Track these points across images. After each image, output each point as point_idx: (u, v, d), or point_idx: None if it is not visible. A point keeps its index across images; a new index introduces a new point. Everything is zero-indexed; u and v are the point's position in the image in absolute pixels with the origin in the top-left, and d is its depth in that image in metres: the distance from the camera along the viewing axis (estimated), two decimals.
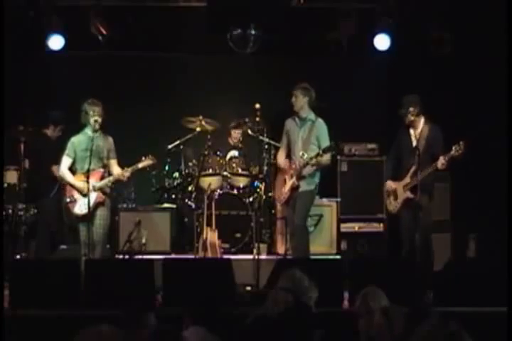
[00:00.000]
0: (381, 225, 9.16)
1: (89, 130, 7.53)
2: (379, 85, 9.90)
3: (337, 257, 8.68)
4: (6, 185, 8.44)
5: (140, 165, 7.66)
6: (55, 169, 7.94)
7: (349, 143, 9.40)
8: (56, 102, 9.30)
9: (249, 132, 9.15)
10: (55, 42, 9.15)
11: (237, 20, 9.31)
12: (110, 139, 7.66)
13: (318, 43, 9.73)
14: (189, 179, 9.21)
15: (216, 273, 6.68)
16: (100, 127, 7.53)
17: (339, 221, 9.04)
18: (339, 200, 9.10)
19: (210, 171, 8.98)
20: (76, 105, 7.64)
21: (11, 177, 8.52)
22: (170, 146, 9.26)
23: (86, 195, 7.32)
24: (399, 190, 7.69)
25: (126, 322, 3.91)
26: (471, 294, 6.31)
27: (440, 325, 2.94)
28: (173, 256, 8.51)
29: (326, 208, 8.97)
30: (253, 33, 9.30)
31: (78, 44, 9.34)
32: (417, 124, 7.68)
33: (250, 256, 8.05)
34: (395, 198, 7.74)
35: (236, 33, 9.31)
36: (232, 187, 9.05)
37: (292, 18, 9.32)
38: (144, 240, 8.57)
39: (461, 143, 7.20)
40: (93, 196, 7.41)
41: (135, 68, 9.95)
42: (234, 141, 9.51)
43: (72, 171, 7.58)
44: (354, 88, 9.78)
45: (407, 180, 7.60)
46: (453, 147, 7.23)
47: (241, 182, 9.09)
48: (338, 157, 9.18)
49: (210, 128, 9.19)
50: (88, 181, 7.30)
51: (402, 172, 7.68)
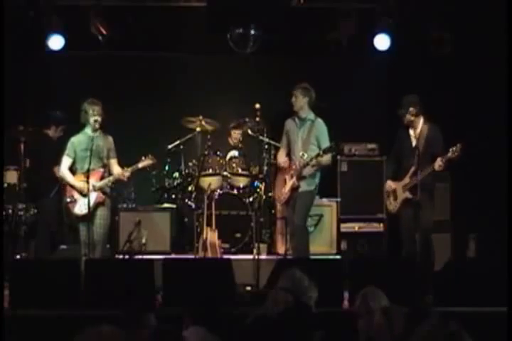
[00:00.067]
0: (381, 225, 9.16)
1: (89, 130, 7.53)
2: (379, 85, 9.90)
3: (337, 257, 8.68)
4: (6, 185, 8.44)
5: (140, 165, 7.66)
6: (57, 170, 7.94)
7: (349, 143, 9.40)
8: (56, 102, 9.30)
9: (249, 132, 9.16)
10: (55, 42, 9.14)
11: (237, 20, 9.31)
12: (110, 139, 7.66)
13: (318, 43, 9.72)
14: (189, 179, 9.20)
15: (216, 273, 6.68)
16: (100, 127, 7.53)
17: (339, 221, 9.04)
18: (339, 200, 9.10)
19: (210, 171, 8.97)
20: (76, 105, 7.64)
21: (11, 177, 8.51)
22: (170, 146, 9.27)
23: (86, 195, 7.33)
24: (398, 190, 7.70)
25: (126, 322, 3.91)
26: (471, 294, 6.31)
27: (440, 325, 2.95)
28: (173, 256, 8.51)
29: (326, 208, 8.97)
30: (253, 33, 9.30)
31: (78, 44, 9.33)
32: (417, 124, 7.68)
33: (250, 256, 8.05)
34: (395, 198, 7.75)
35: (236, 33, 9.30)
36: (232, 187, 9.05)
37: (292, 18, 9.32)
38: (144, 240, 8.57)
39: (458, 145, 7.22)
40: (93, 196, 7.42)
41: (135, 68, 9.95)
42: (234, 141, 9.51)
43: (72, 171, 7.58)
44: (354, 88, 9.78)
45: (407, 180, 7.61)
46: (450, 149, 7.25)
47: (241, 182, 9.09)
48: (338, 157, 9.18)
49: (210, 128, 9.19)
50: (88, 181, 7.31)
51: (403, 172, 7.69)
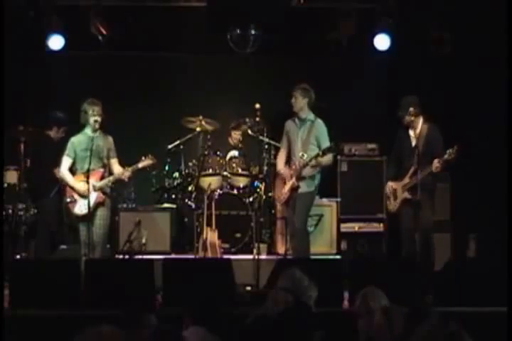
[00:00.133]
0: (381, 225, 9.16)
1: (89, 130, 7.53)
2: (379, 85, 9.89)
3: (337, 257, 8.68)
4: (6, 185, 8.44)
5: (140, 165, 7.66)
6: (57, 171, 7.93)
7: (349, 143, 9.40)
8: (56, 102, 9.30)
9: (249, 132, 9.15)
10: (55, 42, 9.14)
11: (237, 20, 9.30)
12: (110, 139, 7.65)
13: (318, 43, 9.72)
14: (189, 179, 9.20)
15: (216, 273, 6.68)
16: (100, 127, 7.53)
17: (339, 221, 9.03)
18: (339, 200, 9.10)
19: (210, 171, 8.97)
20: (76, 105, 7.64)
21: (11, 177, 8.51)
22: (170, 146, 9.26)
23: (86, 197, 7.32)
24: (398, 190, 7.70)
25: (126, 322, 3.91)
26: (471, 294, 6.31)
27: (440, 325, 2.94)
28: (173, 256, 8.50)
29: (326, 208, 8.97)
30: (253, 33, 9.29)
31: (78, 44, 9.33)
32: (416, 125, 7.68)
33: (250, 256, 8.05)
34: (395, 198, 7.75)
35: (236, 33, 9.30)
36: (232, 187, 9.05)
37: (292, 18, 9.31)
38: (144, 240, 8.57)
39: (454, 147, 7.23)
40: (93, 196, 7.42)
41: (135, 68, 9.95)
42: (234, 141, 9.51)
43: (72, 171, 7.57)
44: (354, 88, 9.78)
45: (406, 180, 7.62)
46: (447, 151, 7.25)
47: (241, 182, 9.09)
48: (338, 157, 9.17)
49: (210, 128, 9.19)
50: (88, 181, 7.31)
51: (403, 172, 7.69)
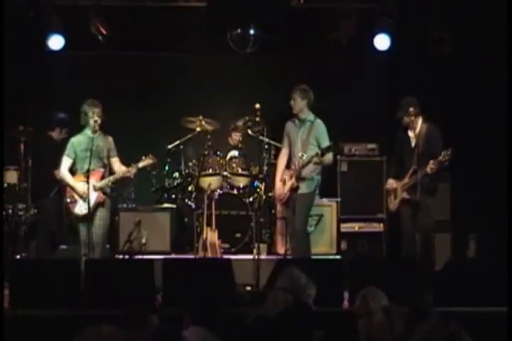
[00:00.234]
0: (381, 225, 9.16)
1: (88, 131, 7.52)
2: (379, 85, 9.89)
3: (337, 257, 8.68)
4: (6, 185, 8.44)
5: (140, 164, 7.65)
6: (57, 173, 7.92)
7: (349, 143, 9.40)
8: (56, 102, 9.30)
9: (249, 132, 9.15)
10: (55, 42, 9.14)
11: (237, 20, 9.30)
12: (110, 138, 7.65)
13: (318, 43, 9.71)
14: (189, 179, 9.20)
15: (216, 273, 6.68)
16: (100, 128, 7.53)
17: (339, 221, 9.03)
18: (339, 200, 9.10)
19: (210, 171, 8.97)
20: (76, 105, 7.63)
21: (11, 177, 8.51)
22: (170, 146, 9.26)
23: (86, 198, 7.32)
24: (398, 190, 7.71)
25: (126, 322, 3.91)
26: (471, 294, 6.31)
27: (440, 325, 2.94)
28: (173, 256, 8.50)
29: (326, 208, 8.96)
30: (253, 33, 9.30)
31: (78, 44, 9.33)
32: (416, 125, 7.67)
33: (250, 256, 8.05)
34: (395, 197, 7.76)
35: (236, 33, 9.30)
36: (232, 187, 9.05)
37: (292, 18, 9.31)
38: (144, 240, 8.57)
39: (449, 149, 7.23)
40: (93, 196, 7.42)
41: (135, 68, 9.95)
42: (234, 142, 9.51)
43: (72, 171, 7.57)
44: (354, 88, 9.77)
45: (406, 180, 7.62)
46: (442, 152, 7.25)
47: (241, 182, 9.09)
48: (338, 157, 9.18)
49: (210, 128, 9.19)
50: (88, 181, 7.31)
51: (404, 172, 7.69)
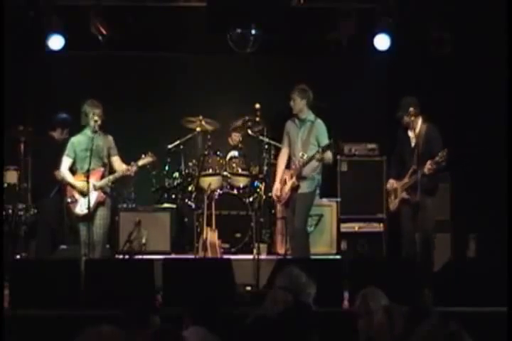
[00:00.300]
0: (381, 225, 9.16)
1: (88, 131, 7.53)
2: (379, 85, 9.88)
3: (337, 257, 8.68)
4: (6, 185, 8.44)
5: (140, 162, 7.65)
6: (57, 174, 7.92)
7: (349, 143, 9.40)
8: (56, 102, 9.30)
9: (249, 132, 9.14)
10: (55, 42, 9.14)
11: (237, 20, 9.30)
12: (110, 137, 7.65)
13: (318, 43, 9.71)
14: (189, 179, 9.20)
15: (216, 273, 6.68)
16: (100, 128, 7.53)
17: (339, 221, 9.03)
18: (339, 200, 9.10)
19: (210, 171, 8.97)
20: (76, 105, 7.64)
21: (11, 177, 8.51)
22: (170, 146, 9.26)
23: (87, 196, 7.32)
24: (398, 190, 7.71)
25: (126, 322, 3.90)
26: (471, 294, 6.31)
27: (440, 325, 2.94)
28: (173, 256, 8.50)
29: (326, 208, 8.96)
30: (253, 33, 9.29)
31: (78, 44, 9.33)
32: (416, 125, 7.67)
33: (250, 256, 8.05)
34: (395, 197, 7.76)
35: (236, 33, 9.30)
36: (232, 187, 9.05)
37: (292, 18, 9.31)
38: (144, 240, 8.57)
39: (444, 150, 7.23)
40: (94, 196, 7.42)
41: (135, 68, 9.94)
42: (234, 142, 9.50)
43: (72, 171, 7.58)
44: (354, 88, 9.77)
45: (406, 180, 7.62)
46: (439, 153, 7.25)
47: (241, 182, 9.09)
48: (338, 157, 9.18)
49: (210, 128, 9.19)
50: (88, 181, 7.31)
51: (405, 172, 7.69)
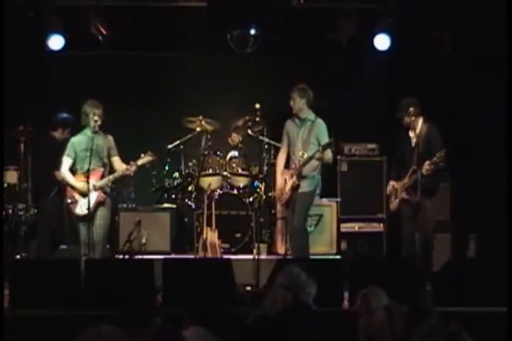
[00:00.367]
0: (381, 225, 9.16)
1: (89, 131, 7.53)
2: (379, 85, 9.88)
3: (337, 257, 8.68)
4: (6, 185, 8.44)
5: (140, 162, 7.64)
6: (57, 174, 7.92)
7: (349, 143, 9.40)
8: (56, 102, 9.29)
9: (249, 132, 9.14)
10: (55, 42, 9.13)
11: (237, 20, 9.30)
12: (110, 137, 7.65)
13: (318, 43, 9.70)
14: (189, 179, 9.20)
15: (216, 273, 6.69)
16: (100, 128, 7.53)
17: (339, 221, 9.03)
18: (339, 200, 9.10)
19: (210, 171, 8.97)
20: (76, 105, 7.65)
21: (11, 177, 8.50)
22: (170, 146, 9.26)
23: (87, 196, 7.32)
24: (399, 190, 7.71)
25: (126, 322, 3.90)
26: (471, 294, 6.31)
27: (440, 325, 2.94)
28: (173, 256, 8.50)
29: (326, 208, 8.96)
30: (253, 33, 9.29)
31: (78, 44, 9.32)
32: (416, 125, 7.66)
33: (250, 256, 8.05)
34: (396, 197, 7.77)
35: (236, 33, 9.30)
36: (232, 187, 9.05)
37: (292, 18, 9.30)
38: (144, 240, 8.57)
39: (442, 150, 7.23)
40: (94, 196, 7.42)
41: (135, 68, 9.94)
42: (234, 142, 9.50)
43: (72, 171, 7.58)
44: (354, 88, 9.76)
45: (406, 181, 7.62)
46: (437, 154, 7.25)
47: (241, 182, 9.09)
48: (338, 157, 9.18)
49: (210, 128, 9.19)
50: (88, 181, 7.31)
51: (405, 173, 7.69)
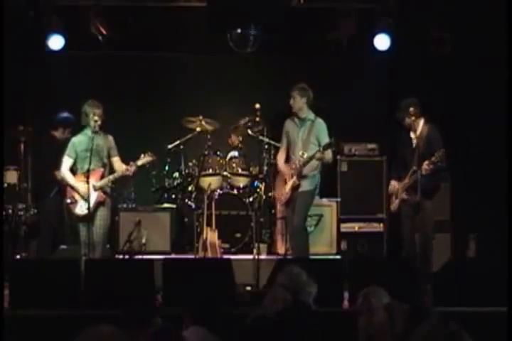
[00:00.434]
0: (381, 225, 9.16)
1: (89, 131, 7.53)
2: (379, 85, 9.87)
3: (337, 257, 8.68)
4: (6, 185, 8.44)
5: (139, 162, 7.64)
6: (57, 174, 7.91)
7: (349, 143, 9.39)
8: (56, 102, 9.29)
9: (249, 132, 9.14)
10: (55, 42, 9.13)
11: (237, 20, 9.30)
12: (110, 137, 7.65)
13: (318, 43, 9.71)
14: (189, 179, 9.20)
15: (216, 273, 6.69)
16: (100, 128, 7.53)
17: (339, 221, 9.03)
18: (339, 200, 9.10)
19: (210, 171, 8.97)
20: (76, 105, 7.65)
21: (11, 177, 8.50)
22: (170, 146, 9.26)
23: (87, 197, 7.32)
24: (399, 190, 7.71)
25: (126, 322, 3.90)
26: (471, 294, 6.31)
27: (440, 325, 2.94)
28: (173, 256, 8.50)
29: (326, 208, 8.96)
30: (253, 33, 9.29)
31: (78, 44, 9.32)
32: (417, 126, 7.66)
33: (250, 256, 8.05)
34: (396, 197, 7.77)
35: (236, 33, 9.30)
36: (232, 187, 9.05)
37: (292, 18, 9.31)
38: (144, 240, 8.57)
39: (441, 150, 7.23)
40: (94, 196, 7.42)
41: (135, 68, 9.94)
42: (234, 142, 9.50)
43: (72, 171, 7.58)
44: (354, 88, 9.76)
45: (406, 181, 7.62)
46: (435, 154, 7.25)
47: (241, 182, 9.09)
48: (338, 157, 9.18)
49: (210, 128, 9.19)
50: (88, 181, 7.30)
51: (407, 172, 7.68)
